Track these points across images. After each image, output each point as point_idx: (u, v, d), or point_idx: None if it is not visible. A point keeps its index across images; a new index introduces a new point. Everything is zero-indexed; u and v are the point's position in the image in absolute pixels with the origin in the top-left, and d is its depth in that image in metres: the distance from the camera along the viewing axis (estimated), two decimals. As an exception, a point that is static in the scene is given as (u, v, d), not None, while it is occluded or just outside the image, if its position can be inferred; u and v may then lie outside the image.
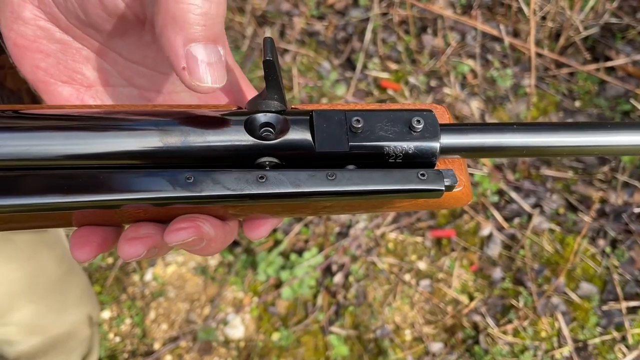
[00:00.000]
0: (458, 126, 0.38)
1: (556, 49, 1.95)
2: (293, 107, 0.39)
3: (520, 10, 2.02)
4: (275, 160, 0.36)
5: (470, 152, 0.39)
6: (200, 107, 0.40)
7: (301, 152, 0.36)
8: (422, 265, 1.64)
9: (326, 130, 0.36)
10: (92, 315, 1.06)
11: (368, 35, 2.04)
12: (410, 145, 0.37)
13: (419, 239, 1.68)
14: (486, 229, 1.66)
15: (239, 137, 0.36)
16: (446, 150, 0.38)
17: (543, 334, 1.51)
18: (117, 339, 1.57)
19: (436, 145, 0.37)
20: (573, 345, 1.48)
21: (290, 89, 1.96)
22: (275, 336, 1.55)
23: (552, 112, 1.87)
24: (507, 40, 1.98)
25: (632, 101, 1.79)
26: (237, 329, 1.57)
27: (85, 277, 1.06)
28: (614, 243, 1.62)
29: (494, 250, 1.64)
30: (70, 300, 1.00)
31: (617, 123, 0.39)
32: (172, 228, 0.35)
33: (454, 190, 0.39)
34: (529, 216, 1.67)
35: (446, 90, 1.93)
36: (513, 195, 1.71)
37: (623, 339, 1.48)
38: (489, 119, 1.87)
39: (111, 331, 1.58)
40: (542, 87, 1.92)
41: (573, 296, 1.55)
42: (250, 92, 0.44)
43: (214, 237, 0.37)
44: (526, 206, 1.69)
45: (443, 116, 0.41)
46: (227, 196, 0.34)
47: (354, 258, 1.64)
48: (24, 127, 0.34)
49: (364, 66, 2.01)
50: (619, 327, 1.49)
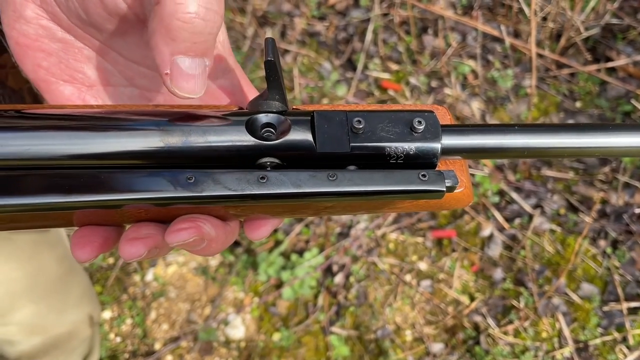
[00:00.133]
0: (459, 127, 0.38)
1: (557, 50, 1.95)
2: (294, 108, 0.39)
3: (521, 10, 2.02)
4: (276, 160, 0.36)
5: (471, 153, 0.38)
6: (201, 108, 0.40)
7: (302, 153, 0.36)
8: (423, 265, 1.64)
9: (327, 130, 0.36)
10: (93, 315, 1.06)
11: (369, 35, 2.04)
12: (411, 146, 0.37)
13: (420, 240, 1.68)
14: (487, 230, 1.66)
15: (240, 138, 0.36)
16: (447, 151, 0.38)
17: (544, 335, 1.51)
18: (118, 339, 1.57)
19: (437, 146, 0.37)
20: (574, 345, 1.48)
21: (291, 90, 1.96)
22: (276, 336, 1.55)
23: (553, 113, 1.87)
24: (508, 40, 1.97)
25: (633, 102, 1.79)
26: (238, 329, 1.57)
27: (86, 277, 1.06)
28: (615, 244, 1.61)
29: (495, 250, 1.64)
30: (71, 300, 1.00)
31: (618, 125, 0.39)
32: (173, 228, 0.35)
33: (455, 191, 0.39)
34: (530, 217, 1.67)
35: (447, 90, 1.93)
36: (514, 195, 1.71)
37: (624, 340, 1.48)
38: (490, 120, 1.87)
39: (112, 331, 1.58)
40: (543, 88, 1.92)
41: (574, 297, 1.54)
42: (251, 93, 0.44)
43: (215, 238, 0.37)
44: (527, 207, 1.69)
45: (444, 117, 0.41)
46: (228, 196, 0.34)
47: (355, 258, 1.64)
48: (25, 127, 0.34)
49: (365, 67, 2.01)
50: (620, 328, 1.49)
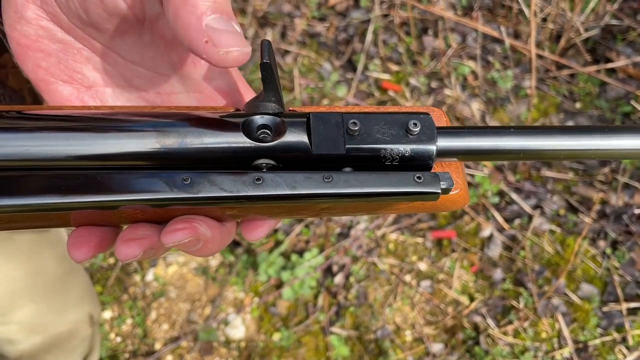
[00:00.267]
0: (455, 129, 0.39)
1: (557, 51, 1.95)
2: (290, 109, 0.39)
3: (520, 11, 2.02)
4: (272, 162, 0.36)
5: (467, 155, 0.39)
6: (198, 109, 0.40)
7: (298, 154, 0.36)
8: (423, 266, 1.64)
9: (323, 132, 0.36)
10: (93, 314, 1.07)
11: (369, 36, 2.04)
12: (407, 148, 0.37)
13: (420, 240, 1.68)
14: (487, 230, 1.66)
15: (236, 139, 0.36)
16: (443, 153, 0.38)
17: (543, 335, 1.51)
18: (118, 339, 1.57)
19: (433, 148, 0.37)
20: (573, 346, 1.48)
21: (291, 90, 1.96)
22: (276, 336, 1.55)
23: (553, 114, 1.87)
24: (508, 41, 1.98)
25: (633, 103, 1.79)
26: (238, 329, 1.57)
27: (86, 277, 1.07)
28: (615, 244, 1.61)
29: (495, 251, 1.64)
30: (71, 299, 1.00)
31: (615, 127, 0.39)
32: (169, 229, 0.36)
33: (451, 193, 0.39)
34: (530, 217, 1.67)
35: (447, 91, 1.93)
36: (514, 196, 1.71)
37: (623, 340, 1.48)
38: (490, 121, 1.87)
39: (112, 331, 1.58)
40: (543, 89, 1.92)
41: (573, 297, 1.55)
42: (248, 94, 0.44)
43: (211, 239, 0.38)
44: (527, 207, 1.69)
45: (440, 119, 0.41)
46: (224, 198, 0.35)
47: (355, 259, 1.64)
48: (23, 128, 0.35)
49: (365, 67, 2.01)
50: (620, 328, 1.49)
